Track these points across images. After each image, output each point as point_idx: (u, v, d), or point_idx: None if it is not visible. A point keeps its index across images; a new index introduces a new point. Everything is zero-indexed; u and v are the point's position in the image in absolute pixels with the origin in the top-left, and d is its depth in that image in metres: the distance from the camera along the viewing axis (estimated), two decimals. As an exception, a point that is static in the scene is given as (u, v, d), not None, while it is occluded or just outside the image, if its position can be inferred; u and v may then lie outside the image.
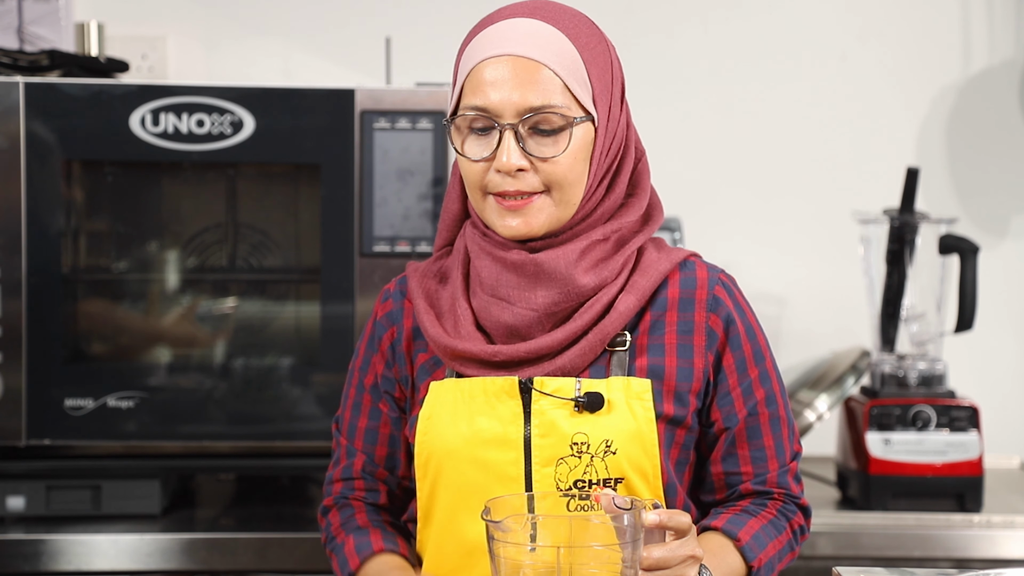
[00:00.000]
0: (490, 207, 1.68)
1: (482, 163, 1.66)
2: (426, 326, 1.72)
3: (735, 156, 3.07)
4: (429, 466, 1.69)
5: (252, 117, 2.41)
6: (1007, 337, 3.09)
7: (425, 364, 1.75)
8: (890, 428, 2.59)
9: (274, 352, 2.47)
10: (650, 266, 1.71)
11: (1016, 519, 2.52)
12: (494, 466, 1.65)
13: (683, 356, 1.70)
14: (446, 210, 1.79)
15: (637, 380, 1.67)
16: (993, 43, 3.07)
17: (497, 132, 1.64)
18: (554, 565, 1.40)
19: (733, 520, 1.70)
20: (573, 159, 1.65)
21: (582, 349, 1.67)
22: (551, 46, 1.64)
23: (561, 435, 1.64)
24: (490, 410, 1.66)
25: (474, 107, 1.65)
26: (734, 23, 3.07)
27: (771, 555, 1.70)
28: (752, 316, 1.76)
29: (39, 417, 2.40)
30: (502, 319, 1.68)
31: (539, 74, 1.63)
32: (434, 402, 1.70)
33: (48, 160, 2.39)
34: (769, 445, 1.73)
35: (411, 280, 1.78)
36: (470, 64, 1.66)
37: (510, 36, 1.65)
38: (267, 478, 2.71)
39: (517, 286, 1.67)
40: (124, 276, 2.50)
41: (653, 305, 1.72)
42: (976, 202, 3.08)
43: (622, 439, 1.64)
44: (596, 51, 1.69)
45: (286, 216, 2.53)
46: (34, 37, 2.62)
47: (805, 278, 3.07)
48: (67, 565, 2.35)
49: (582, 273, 1.67)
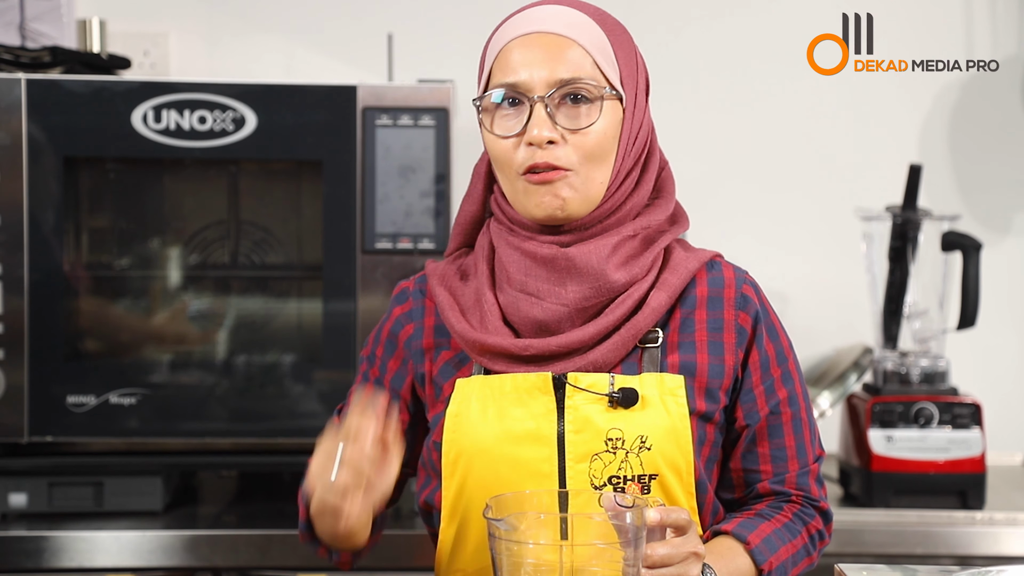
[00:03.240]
0: (522, 188, 1.66)
1: (512, 139, 1.65)
2: (452, 322, 1.71)
3: (738, 153, 3.07)
4: (458, 464, 1.67)
5: (254, 114, 2.41)
6: (1010, 334, 3.09)
7: (450, 362, 1.74)
8: (892, 425, 2.59)
9: (276, 349, 2.47)
10: (679, 264, 1.71)
11: (1018, 516, 2.52)
12: (527, 463, 1.63)
13: (714, 353, 1.69)
14: (464, 212, 1.78)
15: (670, 376, 1.66)
16: (996, 40, 3.07)
17: (527, 107, 1.64)
18: (556, 564, 1.40)
19: (744, 524, 1.69)
20: (603, 134, 1.65)
21: (614, 344, 1.66)
22: (580, 25, 1.66)
23: (596, 431, 1.64)
24: (522, 406, 1.65)
25: (504, 84, 1.65)
26: (736, 20, 3.07)
27: (784, 559, 1.69)
28: (776, 318, 1.76)
29: (41, 414, 2.40)
30: (531, 314, 1.67)
31: (569, 50, 1.64)
32: (462, 399, 1.68)
33: (50, 157, 2.39)
34: (790, 445, 1.73)
35: (432, 278, 1.76)
36: (499, 45, 1.67)
37: (538, 17, 1.67)
38: (269, 475, 2.71)
39: (547, 280, 1.67)
40: (126, 273, 2.50)
41: (683, 303, 1.71)
42: (979, 199, 3.08)
43: (657, 435, 1.63)
44: (623, 38, 1.71)
45: (288, 213, 2.53)
46: (36, 34, 2.62)
47: (808, 275, 3.07)
48: (69, 562, 2.35)
49: (614, 269, 1.66)
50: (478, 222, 1.78)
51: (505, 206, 1.72)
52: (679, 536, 1.52)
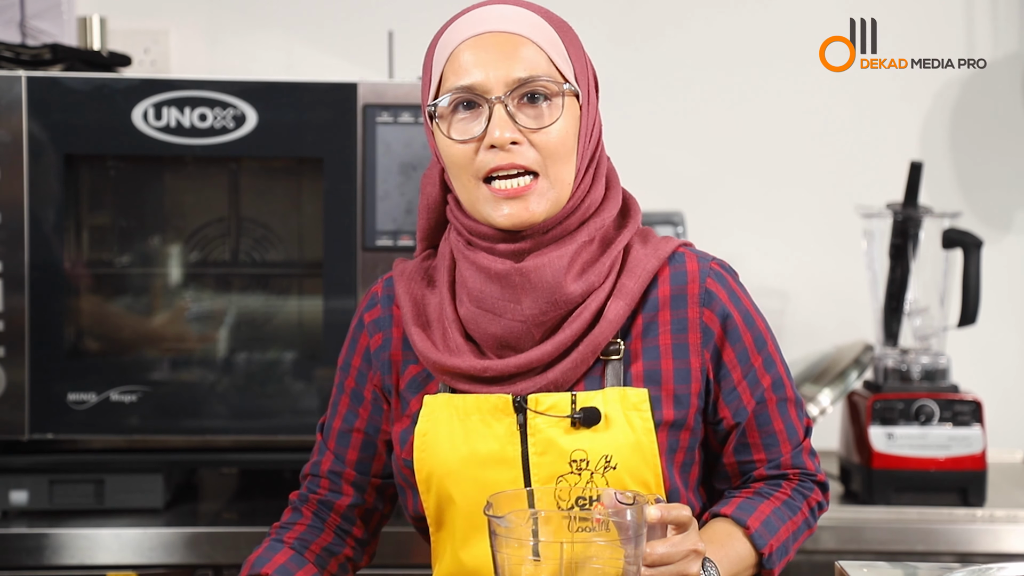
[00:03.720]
0: (483, 197, 1.62)
1: (471, 144, 1.61)
2: (415, 341, 1.69)
3: (738, 149, 3.07)
4: (431, 482, 1.67)
5: (254, 111, 2.41)
6: (1010, 331, 3.09)
7: (416, 376, 1.72)
8: (893, 422, 2.59)
9: (277, 346, 2.47)
10: (637, 265, 1.67)
11: (1019, 513, 2.52)
12: (494, 485, 1.61)
13: (679, 356, 1.66)
14: (423, 219, 1.74)
15: (633, 390, 1.64)
16: (997, 37, 3.06)
17: (486, 109, 1.60)
18: (557, 562, 1.40)
19: (743, 506, 1.68)
20: (565, 132, 1.62)
21: (574, 362, 1.63)
22: (530, 22, 1.63)
23: (559, 452, 1.62)
24: (486, 428, 1.64)
25: (459, 88, 1.61)
26: (738, 17, 3.07)
27: (784, 538, 1.68)
28: (748, 302, 1.72)
29: (42, 411, 2.40)
30: (490, 330, 1.65)
31: (523, 48, 1.61)
32: (429, 418, 1.67)
33: (50, 155, 2.39)
34: (780, 429, 1.71)
35: (398, 285, 1.74)
36: (449, 48, 1.63)
37: (488, 17, 1.63)
38: (270, 472, 2.71)
39: (502, 297, 1.64)
40: (126, 271, 2.50)
41: (644, 307, 1.68)
42: (980, 196, 3.08)
43: (622, 453, 1.61)
44: (571, 35, 1.68)
45: (289, 210, 2.53)
46: (36, 31, 2.61)
47: (808, 272, 3.07)
48: (70, 559, 2.35)
49: (570, 281, 1.63)
50: (439, 227, 1.75)
51: (461, 216, 1.68)
52: (680, 533, 1.51)
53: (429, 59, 1.68)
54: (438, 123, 1.64)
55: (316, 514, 1.80)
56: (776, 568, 1.68)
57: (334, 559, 1.78)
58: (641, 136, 3.01)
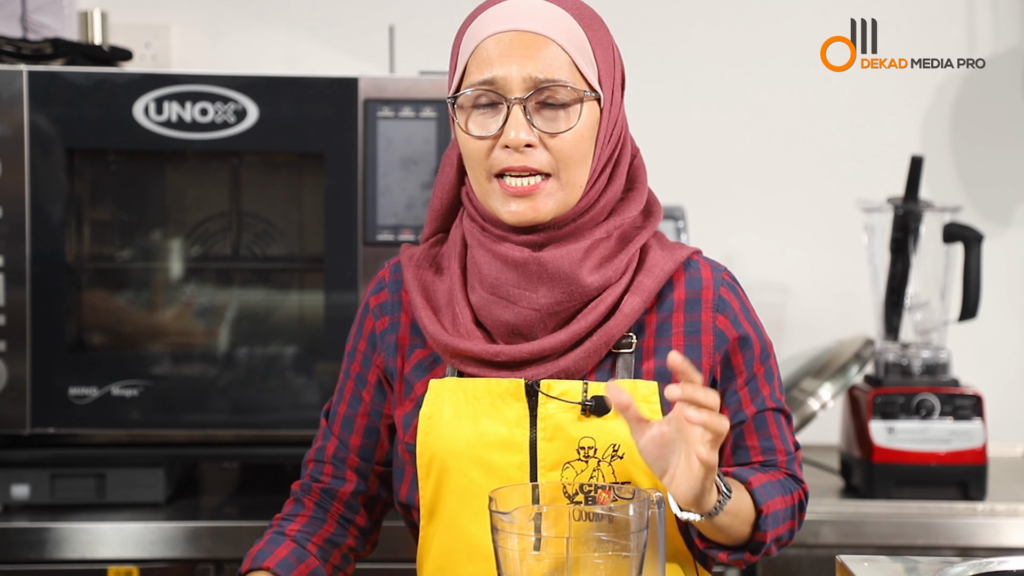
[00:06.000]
0: (495, 192, 1.63)
1: (487, 141, 1.62)
2: (424, 323, 1.69)
3: (740, 147, 3.07)
4: (432, 466, 1.67)
5: (256, 106, 2.41)
6: (1011, 325, 3.09)
7: (423, 361, 1.72)
8: (894, 416, 2.59)
9: (278, 341, 2.47)
10: (655, 265, 1.68)
11: (1020, 507, 2.52)
12: (499, 469, 1.62)
13: (691, 357, 1.66)
14: (437, 198, 1.75)
15: (644, 383, 1.64)
16: (998, 31, 3.07)
17: (504, 108, 1.61)
18: (561, 556, 1.40)
19: (742, 472, 1.68)
20: (580, 137, 1.62)
21: (587, 351, 1.64)
22: (557, 22, 1.63)
23: (568, 439, 1.62)
24: (495, 412, 1.64)
25: (480, 83, 1.61)
26: (740, 17, 3.07)
27: (778, 508, 1.67)
28: (755, 314, 1.74)
29: (43, 406, 2.40)
30: (503, 318, 1.65)
31: (547, 49, 1.61)
32: (435, 401, 1.67)
33: (52, 149, 2.39)
34: (776, 435, 1.72)
35: (406, 271, 1.74)
36: (474, 41, 1.63)
37: (515, 13, 1.63)
38: (271, 466, 2.71)
39: (518, 285, 1.64)
40: (128, 265, 2.50)
41: (660, 307, 1.69)
42: (980, 190, 3.08)
43: (630, 443, 1.59)
44: (600, 33, 1.67)
45: (290, 205, 2.53)
46: (37, 25, 2.61)
47: (809, 266, 3.07)
48: (71, 553, 2.36)
49: (587, 273, 1.64)
50: (452, 209, 1.76)
51: (476, 201, 1.69)
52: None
53: (456, 47, 1.68)
54: (457, 114, 1.65)
55: (319, 504, 1.80)
56: (768, 534, 1.64)
57: (337, 550, 1.79)
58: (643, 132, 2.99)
